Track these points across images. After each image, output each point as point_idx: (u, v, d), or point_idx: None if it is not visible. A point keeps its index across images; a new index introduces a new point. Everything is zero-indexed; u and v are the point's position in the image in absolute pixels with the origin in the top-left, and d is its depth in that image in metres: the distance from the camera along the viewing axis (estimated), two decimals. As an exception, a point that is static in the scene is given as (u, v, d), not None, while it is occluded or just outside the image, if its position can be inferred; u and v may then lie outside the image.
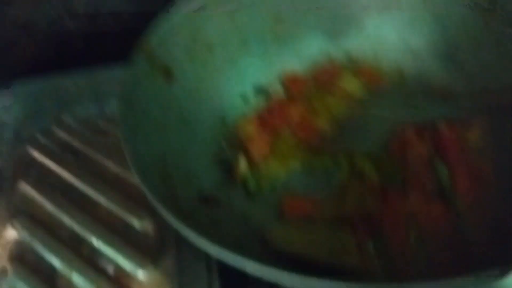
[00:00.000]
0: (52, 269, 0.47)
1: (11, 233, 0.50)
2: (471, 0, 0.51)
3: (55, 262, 0.48)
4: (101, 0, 0.67)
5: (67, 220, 0.50)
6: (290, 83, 0.56)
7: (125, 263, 0.47)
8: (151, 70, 0.47)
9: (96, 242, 0.48)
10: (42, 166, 0.56)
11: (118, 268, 0.47)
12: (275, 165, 0.50)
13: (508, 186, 0.45)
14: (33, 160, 0.56)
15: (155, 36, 0.48)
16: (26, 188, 0.53)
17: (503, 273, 0.32)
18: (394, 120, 0.51)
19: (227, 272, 0.46)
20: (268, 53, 0.56)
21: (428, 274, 0.39)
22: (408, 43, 0.55)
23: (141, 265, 0.47)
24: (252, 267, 0.35)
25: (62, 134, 0.59)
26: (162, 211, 0.37)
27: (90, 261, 0.47)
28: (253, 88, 0.55)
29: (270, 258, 0.43)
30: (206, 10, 0.52)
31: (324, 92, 0.55)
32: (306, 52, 0.56)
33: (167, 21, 0.49)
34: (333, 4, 0.56)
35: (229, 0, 0.53)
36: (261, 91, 0.55)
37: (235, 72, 0.54)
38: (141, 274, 0.46)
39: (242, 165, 0.49)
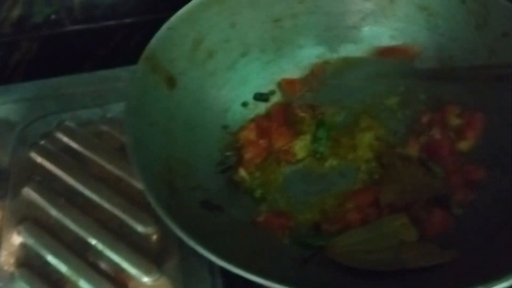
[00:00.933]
0: (59, 275, 0.48)
1: (18, 239, 0.51)
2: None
3: (62, 267, 0.49)
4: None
5: (72, 225, 0.52)
6: (287, 87, 0.57)
7: (131, 269, 0.48)
8: (155, 79, 0.48)
9: (102, 248, 0.50)
10: (45, 171, 0.56)
11: (124, 274, 0.48)
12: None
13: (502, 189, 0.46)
14: (37, 165, 0.57)
15: (158, 45, 0.49)
16: (30, 194, 0.54)
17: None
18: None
19: (230, 276, 0.48)
20: (268, 60, 0.57)
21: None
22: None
23: (146, 270, 0.48)
24: (253, 278, 0.36)
25: (64, 138, 0.59)
26: (166, 220, 0.38)
27: (96, 267, 0.49)
28: (253, 95, 0.56)
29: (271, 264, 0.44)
30: (206, 11, 0.53)
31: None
32: (304, 59, 0.58)
33: (169, 30, 0.50)
34: (331, 12, 0.57)
35: (228, 2, 0.54)
36: (260, 97, 0.56)
37: (236, 79, 0.55)
38: (146, 279, 0.48)
39: (242, 173, 0.50)
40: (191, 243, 0.37)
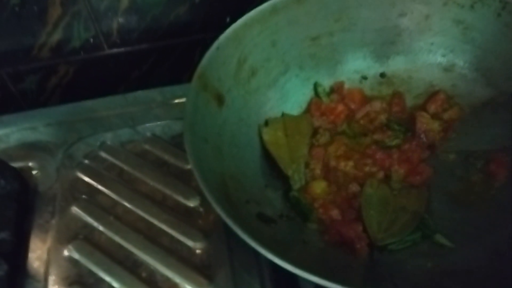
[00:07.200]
0: (112, 291, 0.49)
1: (69, 257, 0.52)
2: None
3: (115, 284, 0.50)
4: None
5: (122, 242, 0.52)
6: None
7: (183, 283, 0.49)
8: (206, 97, 0.50)
9: (153, 263, 0.50)
10: (92, 189, 0.58)
11: (177, 289, 0.49)
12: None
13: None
14: (83, 184, 0.58)
15: (207, 64, 0.50)
16: (78, 212, 0.55)
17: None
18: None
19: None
20: (307, 77, 0.58)
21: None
22: (440, 62, 0.58)
23: (198, 284, 0.49)
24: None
25: (109, 157, 0.61)
26: (237, 230, 0.39)
27: (149, 283, 0.49)
28: (294, 110, 0.57)
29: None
30: (249, 31, 0.54)
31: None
32: (342, 74, 0.59)
33: (218, 49, 0.52)
34: (366, 29, 0.58)
35: (268, 22, 0.55)
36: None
37: (277, 96, 0.57)
38: (199, 294, 0.48)
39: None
40: (264, 251, 0.37)
